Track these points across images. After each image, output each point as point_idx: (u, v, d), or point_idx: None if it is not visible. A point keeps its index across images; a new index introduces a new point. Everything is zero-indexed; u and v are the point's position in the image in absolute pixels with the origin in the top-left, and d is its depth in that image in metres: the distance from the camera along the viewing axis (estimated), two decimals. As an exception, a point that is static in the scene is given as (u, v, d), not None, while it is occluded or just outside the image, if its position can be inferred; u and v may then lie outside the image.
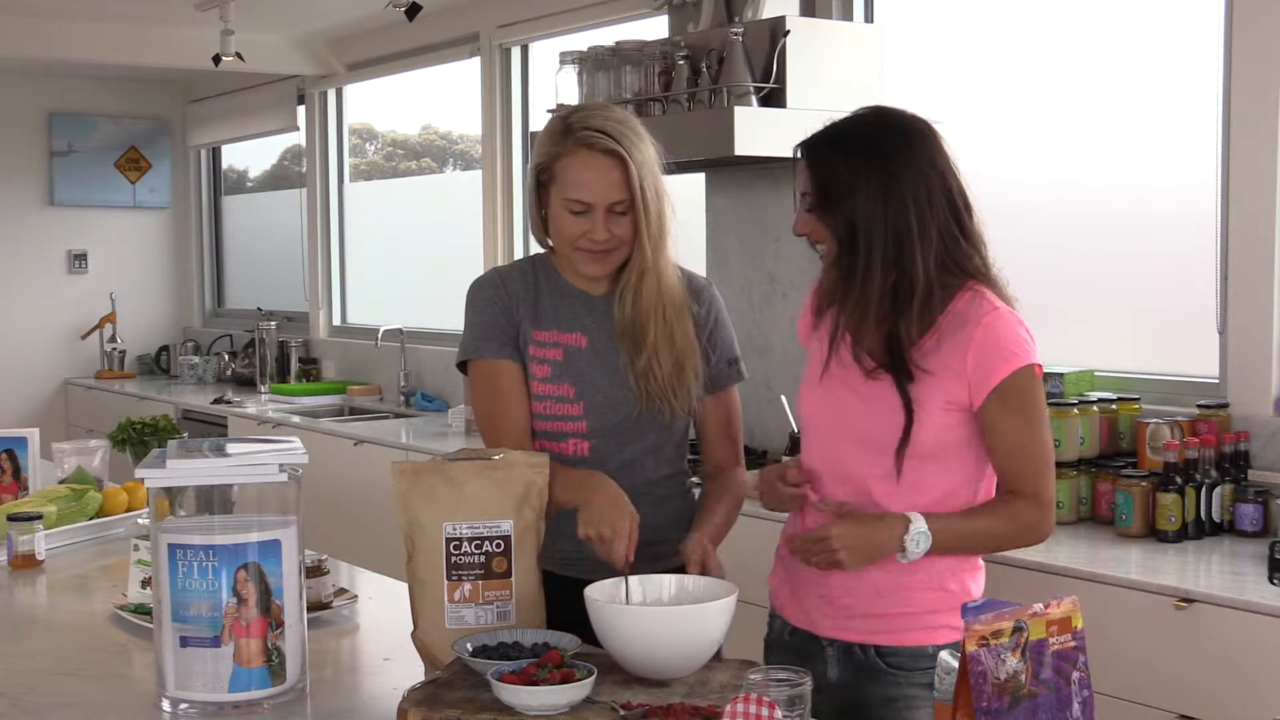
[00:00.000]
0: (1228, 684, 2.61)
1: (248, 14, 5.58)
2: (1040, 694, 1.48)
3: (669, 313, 2.31)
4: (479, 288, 2.41)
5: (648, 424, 2.33)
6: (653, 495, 2.32)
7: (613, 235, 2.27)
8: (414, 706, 1.78)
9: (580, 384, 2.32)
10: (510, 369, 2.35)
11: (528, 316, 2.36)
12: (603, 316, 2.35)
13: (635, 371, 2.30)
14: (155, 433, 3.79)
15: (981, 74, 4.06)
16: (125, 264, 7.90)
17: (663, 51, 3.98)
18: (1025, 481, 2.09)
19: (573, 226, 2.27)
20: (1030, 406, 2.09)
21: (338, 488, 5.12)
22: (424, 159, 7.00)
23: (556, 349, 2.34)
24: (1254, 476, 3.19)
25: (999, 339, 2.07)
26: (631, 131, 2.26)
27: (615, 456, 2.32)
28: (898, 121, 2.13)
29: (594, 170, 2.24)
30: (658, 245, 2.29)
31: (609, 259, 2.30)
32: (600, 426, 2.32)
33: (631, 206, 2.25)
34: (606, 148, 2.23)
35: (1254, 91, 3.22)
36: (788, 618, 2.26)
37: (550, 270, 2.40)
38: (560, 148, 2.27)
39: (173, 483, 1.98)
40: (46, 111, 7.64)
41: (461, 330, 2.41)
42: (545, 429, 2.34)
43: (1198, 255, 3.40)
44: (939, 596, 2.13)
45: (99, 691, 2.11)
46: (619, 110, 2.33)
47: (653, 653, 1.87)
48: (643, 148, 2.27)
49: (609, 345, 2.34)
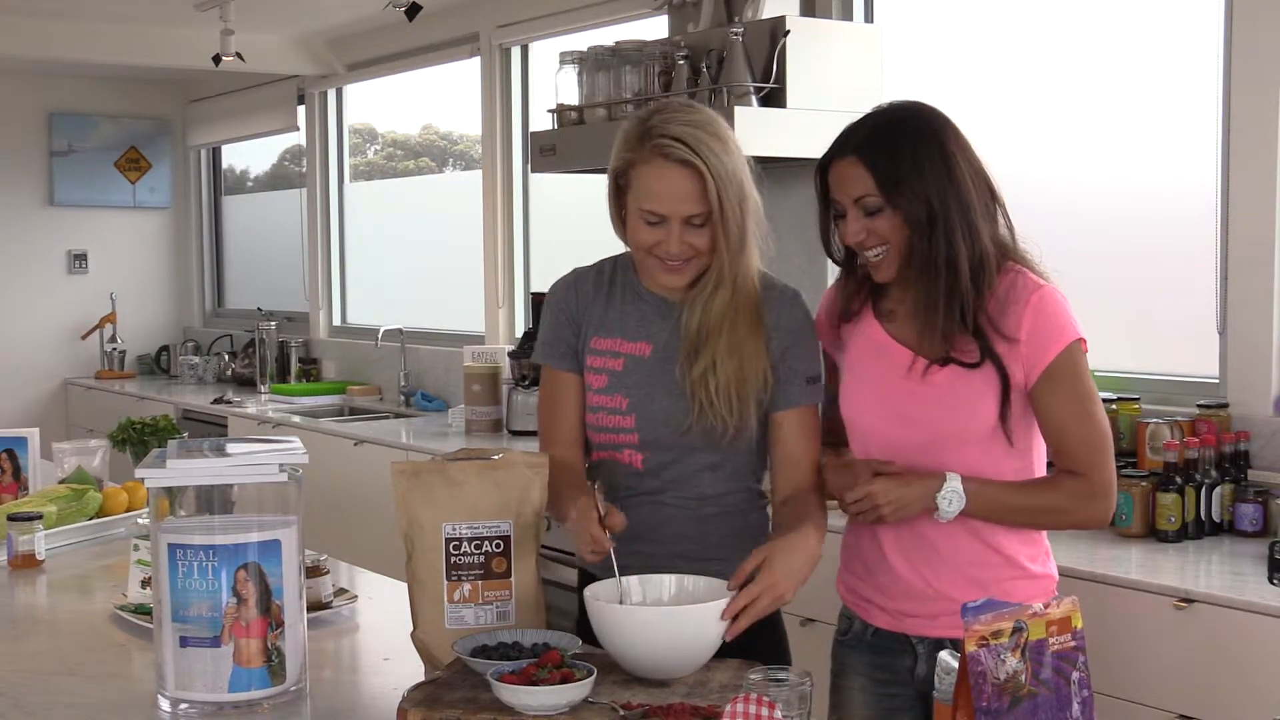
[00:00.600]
0: (1228, 684, 2.61)
1: (248, 14, 5.58)
2: (1040, 694, 1.48)
3: (739, 326, 2.19)
4: (553, 290, 2.36)
5: (702, 439, 2.22)
6: (702, 511, 2.26)
7: (689, 247, 2.16)
8: (414, 706, 1.78)
9: (634, 396, 2.24)
10: (566, 380, 2.31)
11: (594, 322, 2.30)
12: (675, 324, 2.25)
13: (690, 382, 2.20)
14: (155, 433, 3.80)
15: (981, 74, 4.06)
16: (125, 264, 7.90)
17: (663, 51, 3.98)
18: (1078, 460, 2.12)
19: (648, 235, 2.17)
20: (1079, 383, 2.11)
21: (338, 488, 5.12)
22: (424, 159, 7.00)
23: (616, 359, 2.27)
24: (1254, 476, 3.19)
25: (1049, 317, 2.10)
26: (712, 137, 2.13)
27: (669, 469, 2.25)
28: (926, 108, 2.16)
29: (669, 181, 2.13)
30: (736, 258, 2.17)
31: (684, 270, 2.20)
32: (653, 439, 2.24)
33: (709, 219, 2.14)
34: (682, 158, 2.11)
35: (1254, 91, 3.22)
36: (869, 619, 2.26)
37: (629, 272, 2.31)
38: (635, 154, 2.16)
39: (173, 483, 1.98)
40: (46, 111, 7.63)
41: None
42: (601, 440, 2.30)
43: (1198, 255, 3.40)
44: (1028, 584, 2.17)
45: (99, 691, 2.11)
46: (702, 111, 2.19)
47: (653, 653, 1.87)
48: (724, 155, 2.13)
49: (674, 357, 2.24)
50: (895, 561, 2.20)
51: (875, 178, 2.09)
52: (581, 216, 5.56)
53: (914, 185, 2.07)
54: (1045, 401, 2.11)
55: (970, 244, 2.09)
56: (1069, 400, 2.11)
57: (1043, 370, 2.10)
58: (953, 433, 2.14)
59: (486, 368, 5.20)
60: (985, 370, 2.11)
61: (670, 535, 2.25)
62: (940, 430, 2.15)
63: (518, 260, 5.73)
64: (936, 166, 2.08)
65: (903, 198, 2.08)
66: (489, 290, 5.73)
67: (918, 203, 2.07)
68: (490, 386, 5.17)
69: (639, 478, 2.26)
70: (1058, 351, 2.09)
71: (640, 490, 2.26)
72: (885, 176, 2.08)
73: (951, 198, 2.08)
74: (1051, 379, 2.10)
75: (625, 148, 2.18)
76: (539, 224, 5.71)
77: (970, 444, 2.14)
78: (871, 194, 2.10)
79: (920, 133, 2.10)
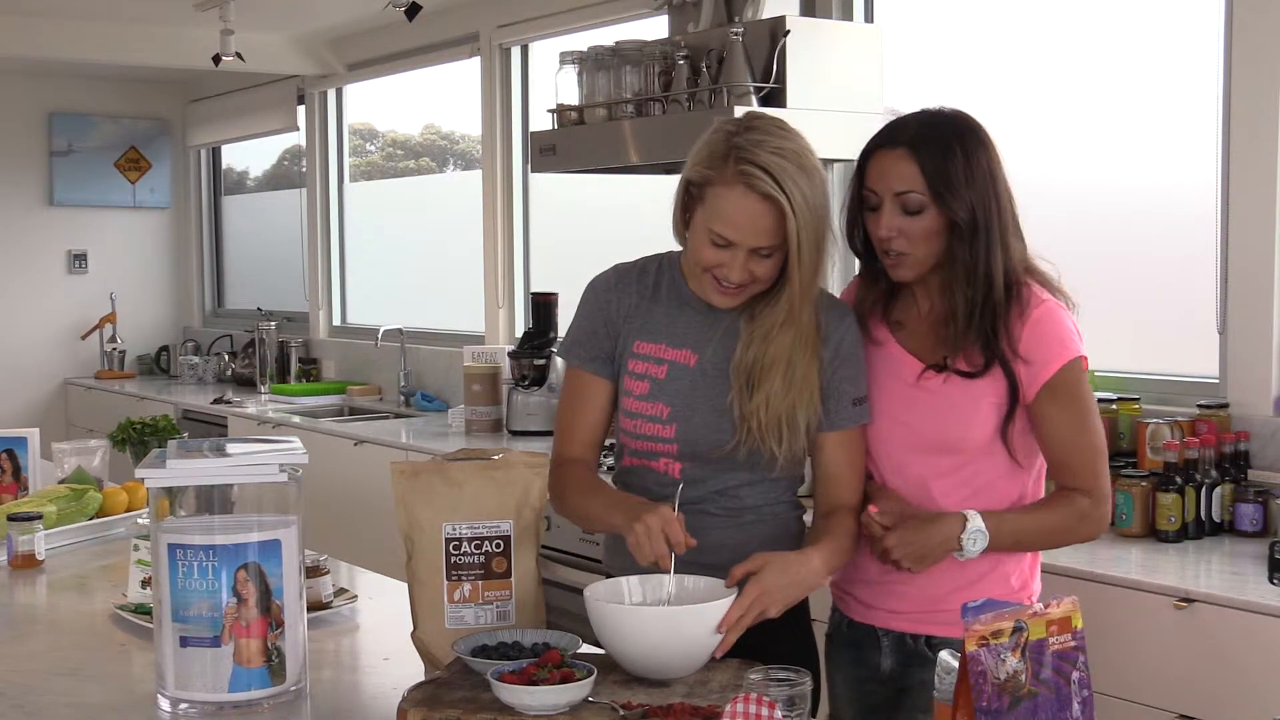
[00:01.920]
0: (1228, 684, 2.61)
1: (248, 14, 5.57)
2: (1040, 694, 1.48)
3: (799, 361, 2.11)
4: (591, 289, 2.28)
5: (745, 460, 2.16)
6: (741, 519, 2.21)
7: (750, 275, 2.08)
8: (414, 706, 1.78)
9: (676, 405, 2.17)
10: (593, 383, 2.24)
11: (636, 326, 2.22)
12: (723, 336, 2.17)
13: (742, 411, 2.12)
14: (155, 433, 3.80)
15: (981, 74, 4.06)
16: (125, 264, 7.90)
17: (663, 51, 3.98)
18: (1079, 476, 2.13)
19: (711, 256, 2.08)
20: (1079, 399, 2.12)
21: (338, 488, 5.12)
22: (424, 159, 7.00)
23: (660, 365, 2.19)
24: (1254, 476, 3.19)
25: (1048, 332, 2.10)
26: (799, 170, 2.03)
27: (708, 481, 2.19)
28: (973, 118, 2.15)
29: (747, 212, 2.03)
30: (806, 295, 2.09)
31: (739, 295, 2.12)
32: (693, 452, 2.18)
33: (784, 251, 2.06)
34: (766, 192, 2.01)
35: (1254, 91, 3.22)
36: (846, 611, 2.30)
37: (676, 274, 2.23)
38: (717, 173, 2.04)
39: (173, 483, 1.98)
40: (46, 111, 7.63)
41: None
42: (637, 447, 2.23)
43: (1198, 255, 3.40)
44: (1004, 593, 2.17)
45: (99, 691, 2.11)
46: (794, 139, 2.07)
47: (653, 653, 1.87)
48: (809, 190, 2.03)
49: (720, 370, 2.16)
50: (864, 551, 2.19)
51: (925, 176, 2.06)
52: (581, 216, 5.58)
53: (963, 192, 2.06)
54: (1044, 415, 2.12)
55: (1005, 259, 2.10)
56: (1068, 415, 2.12)
57: (1041, 385, 2.11)
58: (949, 441, 2.14)
59: (486, 368, 5.20)
60: (987, 380, 2.12)
61: (711, 544, 2.15)
62: (936, 438, 2.15)
63: (518, 260, 5.72)
64: (984, 177, 2.08)
65: (952, 201, 2.06)
66: (489, 290, 5.73)
67: (964, 209, 2.06)
68: (490, 386, 5.17)
69: (674, 486, 2.18)
70: (1056, 368, 2.10)
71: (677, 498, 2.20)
72: (937, 177, 2.05)
73: (994, 211, 2.08)
74: (1051, 394, 2.11)
75: (707, 163, 2.07)
76: (539, 224, 5.71)
77: (967, 454, 2.15)
78: (918, 191, 2.06)
79: (971, 141, 2.09)
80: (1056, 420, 2.12)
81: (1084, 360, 2.13)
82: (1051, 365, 2.10)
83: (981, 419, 2.13)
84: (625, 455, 2.27)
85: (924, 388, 2.15)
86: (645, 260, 2.28)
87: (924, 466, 2.17)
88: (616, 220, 5.28)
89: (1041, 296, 2.13)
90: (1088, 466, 2.14)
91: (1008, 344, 2.10)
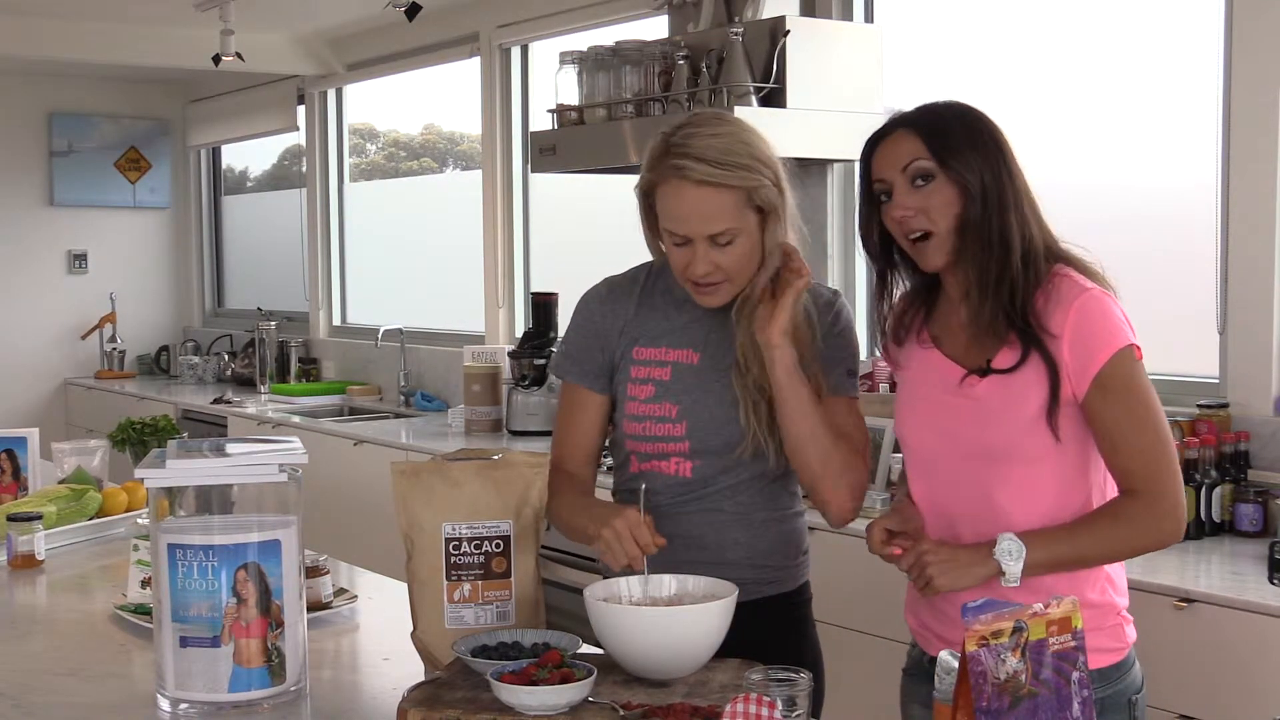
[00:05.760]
0: (1228, 684, 2.61)
1: (248, 14, 5.58)
2: (1040, 694, 1.48)
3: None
4: (583, 303, 2.30)
5: (753, 456, 2.18)
6: (754, 519, 2.22)
7: (717, 267, 2.09)
8: (414, 706, 1.78)
9: (684, 403, 2.19)
10: (586, 398, 2.26)
11: (632, 335, 2.24)
12: (722, 331, 2.18)
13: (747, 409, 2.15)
14: (155, 433, 3.80)
15: (981, 74, 4.06)
16: (125, 264, 7.90)
17: (663, 51, 3.98)
18: (1137, 476, 1.96)
19: (678, 257, 2.11)
20: (1134, 392, 1.96)
21: (338, 488, 5.12)
22: (424, 159, 7.00)
23: (663, 368, 2.21)
24: (1254, 476, 3.19)
25: (1095, 321, 1.96)
26: (737, 155, 2.05)
27: (719, 478, 2.20)
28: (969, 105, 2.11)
29: (688, 202, 2.05)
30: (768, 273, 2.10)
31: (717, 292, 2.12)
32: (703, 447, 2.19)
33: (743, 234, 2.07)
34: (698, 178, 2.04)
35: (1254, 91, 3.22)
36: (926, 647, 2.17)
37: (668, 278, 2.23)
38: (655, 174, 2.09)
39: (173, 483, 1.98)
40: (46, 111, 7.64)
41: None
42: (646, 450, 2.22)
43: (1198, 255, 3.40)
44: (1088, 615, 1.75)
45: (99, 691, 2.11)
46: (730, 125, 2.10)
47: (653, 653, 1.87)
48: (752, 169, 2.06)
49: (722, 365, 2.18)
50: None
51: (927, 143, 2.01)
52: (581, 216, 5.58)
53: (969, 155, 2.00)
54: (1097, 414, 1.96)
55: (1022, 228, 2.01)
56: (1123, 409, 1.95)
57: (1091, 379, 1.95)
58: (999, 446, 2.02)
59: (486, 368, 5.20)
60: (1026, 372, 1.99)
61: (726, 541, 2.20)
62: (980, 444, 2.04)
63: (518, 260, 5.73)
64: (989, 147, 2.02)
65: (958, 165, 2.00)
66: (489, 290, 5.73)
67: (972, 173, 2.00)
68: (490, 386, 5.17)
69: (686, 486, 2.21)
70: (1105, 359, 1.95)
71: (689, 497, 2.22)
72: (939, 141, 2.01)
73: (1006, 177, 2.02)
74: (1102, 388, 1.95)
75: (647, 166, 2.11)
76: (539, 224, 5.71)
77: (1022, 460, 2.01)
78: (922, 157, 2.01)
79: (971, 114, 2.06)
80: (1110, 418, 1.95)
81: (1137, 350, 1.97)
82: (1099, 356, 1.95)
83: (1029, 418, 1.99)
84: (632, 461, 2.27)
85: (967, 394, 2.05)
86: (635, 270, 2.31)
87: (981, 477, 2.04)
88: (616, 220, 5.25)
89: (1085, 284, 2.01)
90: (1147, 468, 1.95)
91: (1034, 319, 1.99)
